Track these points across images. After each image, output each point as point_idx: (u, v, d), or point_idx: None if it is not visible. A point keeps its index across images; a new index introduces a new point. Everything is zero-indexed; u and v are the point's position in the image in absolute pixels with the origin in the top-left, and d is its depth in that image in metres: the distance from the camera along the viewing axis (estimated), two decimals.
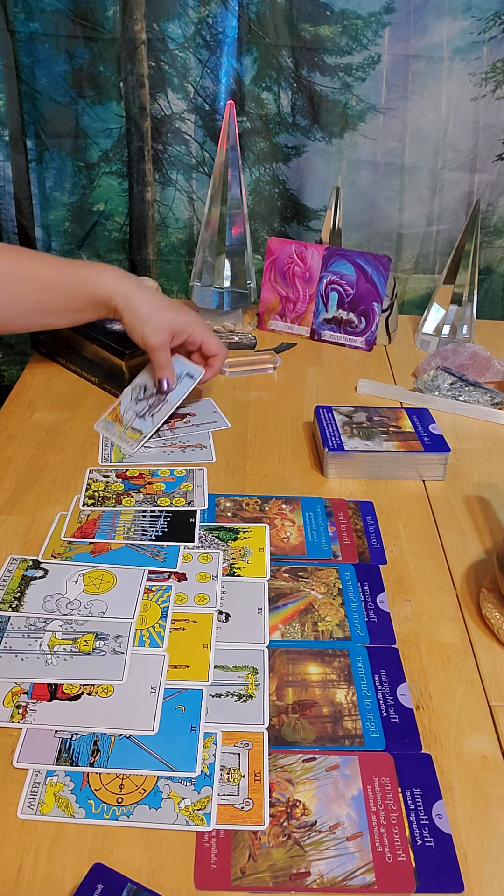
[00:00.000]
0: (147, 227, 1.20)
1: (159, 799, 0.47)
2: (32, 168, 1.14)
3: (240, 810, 0.47)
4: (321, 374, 1.03)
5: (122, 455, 0.81)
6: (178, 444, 0.84)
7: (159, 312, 0.81)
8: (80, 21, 1.04)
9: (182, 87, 1.10)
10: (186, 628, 0.59)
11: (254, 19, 1.04)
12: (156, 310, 0.80)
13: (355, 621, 0.61)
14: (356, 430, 0.82)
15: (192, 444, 0.84)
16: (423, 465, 0.80)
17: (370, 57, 1.06)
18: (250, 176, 1.16)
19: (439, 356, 1.04)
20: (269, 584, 0.65)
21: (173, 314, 0.82)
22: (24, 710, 0.52)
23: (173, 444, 0.84)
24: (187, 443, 0.84)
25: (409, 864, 0.45)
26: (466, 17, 1.02)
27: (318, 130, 1.12)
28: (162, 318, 0.81)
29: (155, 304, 0.81)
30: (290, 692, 0.55)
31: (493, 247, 1.21)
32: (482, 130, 1.10)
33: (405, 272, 1.23)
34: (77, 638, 0.58)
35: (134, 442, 0.82)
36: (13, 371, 1.29)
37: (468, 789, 0.49)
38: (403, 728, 0.53)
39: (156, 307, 0.81)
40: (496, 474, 0.83)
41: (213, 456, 0.82)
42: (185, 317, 0.83)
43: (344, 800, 0.48)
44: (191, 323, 0.83)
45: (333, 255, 1.07)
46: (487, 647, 0.60)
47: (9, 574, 0.64)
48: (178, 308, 0.83)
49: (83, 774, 0.48)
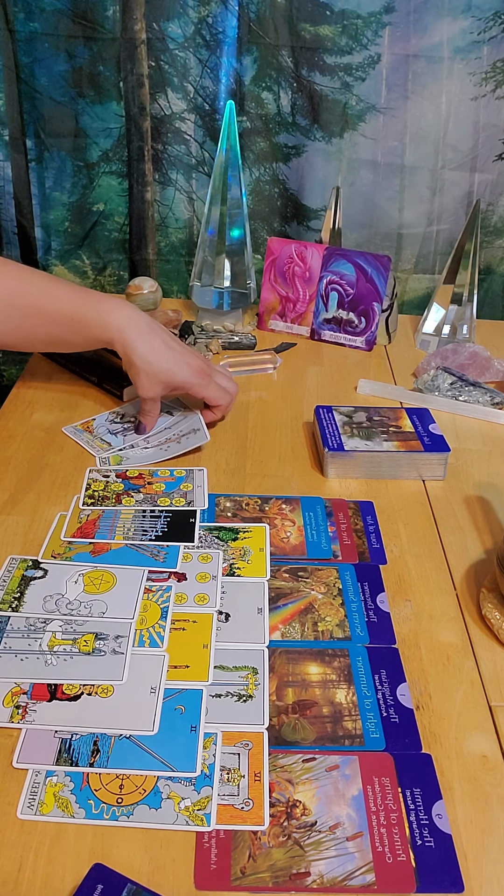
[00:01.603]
0: (147, 227, 1.20)
1: (159, 799, 0.47)
2: (32, 168, 1.14)
3: (240, 810, 0.47)
4: (321, 374, 1.03)
5: (120, 458, 0.80)
6: (173, 437, 0.83)
7: (156, 367, 0.77)
8: (80, 21, 1.04)
9: (182, 87, 1.10)
10: (186, 628, 0.59)
11: (254, 19, 1.04)
12: (153, 364, 0.77)
13: (355, 621, 0.61)
14: (356, 430, 0.82)
15: (184, 433, 0.83)
16: (423, 465, 0.80)
17: (370, 57, 1.06)
18: (250, 176, 1.16)
19: (439, 356, 1.04)
20: (269, 584, 0.65)
21: (172, 370, 0.78)
22: (24, 711, 0.52)
23: (168, 438, 0.83)
24: (180, 433, 0.83)
25: (409, 865, 0.45)
26: (466, 16, 1.02)
27: (318, 130, 1.12)
28: (157, 374, 0.78)
29: (154, 357, 0.77)
30: (290, 692, 0.55)
31: (494, 246, 1.21)
32: (482, 130, 1.10)
33: (405, 272, 1.23)
34: (77, 638, 0.58)
35: (101, 450, 0.81)
36: (13, 371, 1.29)
37: (468, 789, 0.49)
38: (403, 728, 0.53)
39: (154, 361, 0.77)
40: (496, 474, 0.83)
41: (207, 435, 0.81)
42: (183, 375, 0.79)
43: (344, 800, 0.48)
44: (188, 382, 0.79)
45: (333, 254, 1.07)
46: (487, 648, 0.60)
47: (9, 574, 0.64)
48: (180, 361, 0.79)
49: (83, 774, 0.48)
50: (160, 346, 0.78)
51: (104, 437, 0.83)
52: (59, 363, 0.99)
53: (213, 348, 1.05)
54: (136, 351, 0.77)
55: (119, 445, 0.82)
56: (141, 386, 0.79)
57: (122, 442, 0.83)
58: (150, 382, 0.78)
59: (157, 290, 1.11)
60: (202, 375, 0.80)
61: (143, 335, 0.77)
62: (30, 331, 0.79)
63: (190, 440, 0.82)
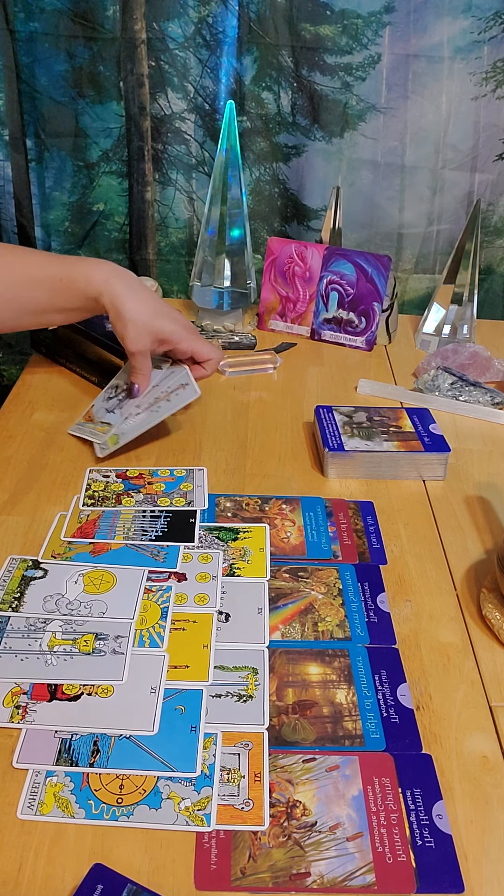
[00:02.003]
0: (147, 227, 1.20)
1: (159, 799, 0.47)
2: (32, 168, 1.14)
3: (240, 811, 0.47)
4: (321, 374, 1.03)
5: (117, 437, 0.79)
6: (162, 394, 0.81)
7: (144, 317, 0.76)
8: (80, 20, 1.04)
9: (182, 87, 1.10)
10: (186, 628, 0.59)
11: (254, 19, 1.04)
12: (141, 314, 0.76)
13: (355, 621, 0.61)
14: (356, 430, 0.82)
15: (173, 389, 0.81)
16: (424, 465, 0.80)
17: (370, 56, 1.06)
18: (250, 176, 1.16)
19: (440, 356, 1.04)
20: (269, 584, 0.65)
21: (160, 321, 0.78)
22: (24, 711, 0.52)
23: (157, 398, 0.81)
24: (169, 390, 0.81)
25: (409, 865, 0.45)
26: (467, 16, 1.02)
27: (318, 130, 1.11)
28: (146, 324, 0.77)
29: (142, 307, 0.76)
30: (291, 692, 0.55)
31: (494, 246, 1.21)
32: (482, 130, 1.10)
33: (405, 272, 1.23)
34: (77, 638, 0.58)
35: (102, 435, 0.80)
36: (13, 371, 1.29)
37: (468, 790, 0.49)
38: (404, 728, 0.53)
39: (142, 311, 0.76)
40: (496, 474, 0.83)
41: (197, 390, 0.80)
42: (171, 325, 0.78)
43: (344, 800, 0.48)
44: (177, 333, 0.79)
45: (333, 254, 1.07)
46: (488, 648, 0.60)
47: (9, 574, 0.64)
48: (167, 314, 0.79)
49: (83, 775, 0.48)
50: (147, 296, 0.78)
51: (104, 418, 0.82)
52: (59, 363, 0.99)
53: None
54: (122, 301, 0.75)
55: (118, 422, 0.80)
56: (129, 338, 0.77)
57: (120, 417, 0.81)
58: (137, 333, 0.76)
59: (157, 290, 1.11)
60: (188, 329, 0.80)
61: (129, 286, 0.77)
62: (17, 301, 0.78)
63: (180, 396, 0.79)
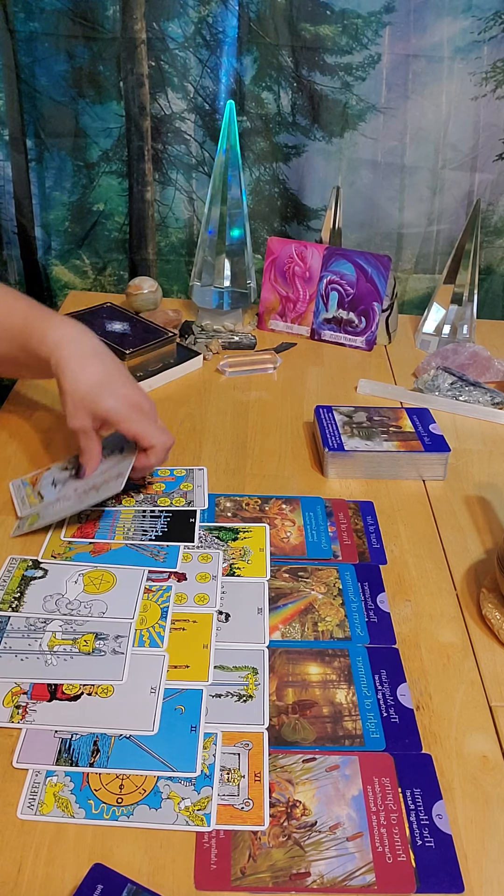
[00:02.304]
0: (147, 227, 1.20)
1: (159, 799, 0.47)
2: (32, 168, 1.14)
3: (240, 810, 0.47)
4: (321, 374, 1.03)
5: (37, 517, 0.69)
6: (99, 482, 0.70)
7: (84, 391, 0.67)
8: (80, 20, 1.04)
9: (182, 87, 1.10)
10: (186, 628, 0.59)
11: (254, 19, 1.04)
12: (81, 387, 0.67)
13: (355, 621, 0.61)
14: (356, 430, 0.82)
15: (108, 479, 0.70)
16: (424, 465, 0.80)
17: (370, 56, 1.06)
18: (250, 176, 1.16)
19: (439, 356, 1.04)
20: (269, 584, 0.65)
21: (101, 398, 0.67)
22: (24, 711, 0.52)
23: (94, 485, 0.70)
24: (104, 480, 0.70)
25: (409, 865, 0.45)
26: (467, 16, 1.02)
27: (318, 130, 1.11)
28: (84, 400, 0.67)
29: (85, 379, 0.67)
30: (290, 692, 0.55)
31: (494, 246, 1.21)
32: (482, 130, 1.10)
33: (405, 272, 1.23)
34: (77, 638, 0.58)
35: (28, 507, 0.71)
36: None
37: (468, 789, 0.49)
38: (403, 728, 0.53)
39: (83, 384, 0.67)
40: (496, 474, 0.83)
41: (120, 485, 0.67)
42: (113, 403, 0.67)
43: (344, 800, 0.48)
44: (117, 412, 0.68)
45: (333, 254, 1.07)
46: (488, 648, 0.60)
47: (9, 574, 0.64)
48: (112, 391, 0.68)
49: (83, 775, 0.48)
50: (95, 370, 0.68)
51: (43, 490, 0.73)
52: None
53: (213, 348, 1.05)
54: (64, 371, 0.67)
55: (49, 500, 0.71)
56: (67, 413, 0.69)
57: (54, 496, 0.71)
58: (74, 409, 0.68)
59: (157, 289, 1.11)
60: (134, 409, 0.68)
61: (79, 355, 0.68)
62: None
63: (109, 487, 0.69)
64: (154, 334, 0.96)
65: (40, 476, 0.76)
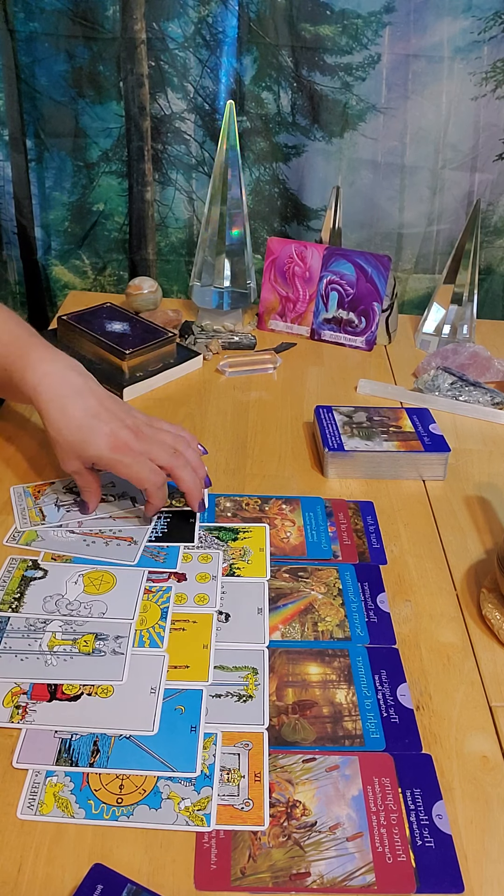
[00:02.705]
0: (147, 227, 1.20)
1: (159, 799, 0.47)
2: (32, 168, 1.14)
3: (240, 811, 0.47)
4: (321, 374, 1.03)
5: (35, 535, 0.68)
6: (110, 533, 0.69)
7: (67, 436, 0.65)
8: (80, 20, 1.04)
9: (182, 87, 1.10)
10: (186, 628, 0.59)
11: (254, 19, 1.04)
12: (63, 431, 0.65)
13: (355, 621, 0.61)
14: (356, 430, 0.82)
15: (122, 536, 0.69)
16: (424, 465, 0.80)
17: (370, 56, 1.06)
18: (250, 176, 1.16)
19: (439, 356, 1.04)
20: (269, 584, 0.65)
21: (86, 439, 0.65)
22: (24, 711, 0.52)
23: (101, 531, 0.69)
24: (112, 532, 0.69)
25: (409, 865, 0.45)
26: (467, 16, 1.02)
27: (318, 130, 1.11)
28: (71, 445, 0.65)
29: (66, 421, 0.65)
30: (290, 692, 0.55)
31: (494, 246, 1.21)
32: (482, 130, 1.10)
33: (405, 272, 1.23)
34: (77, 638, 0.58)
35: (27, 522, 0.70)
36: None
37: (468, 790, 0.49)
38: (403, 728, 0.53)
39: (64, 427, 0.65)
40: (496, 474, 0.83)
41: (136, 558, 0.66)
42: (96, 446, 0.64)
43: (344, 800, 0.48)
44: (105, 462, 0.65)
45: (333, 254, 1.07)
46: (488, 648, 0.60)
47: (9, 574, 0.64)
48: (95, 431, 0.65)
49: (83, 775, 0.48)
50: (78, 411, 0.65)
51: (46, 507, 0.72)
52: None
53: (213, 348, 1.05)
54: (46, 418, 0.66)
55: (52, 522, 0.70)
56: (58, 457, 0.67)
57: (57, 518, 0.70)
58: (63, 454, 0.66)
59: (157, 290, 1.11)
60: (120, 450, 0.64)
61: (59, 398, 0.65)
62: None
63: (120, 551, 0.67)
64: (154, 334, 0.96)
65: (43, 491, 0.74)
